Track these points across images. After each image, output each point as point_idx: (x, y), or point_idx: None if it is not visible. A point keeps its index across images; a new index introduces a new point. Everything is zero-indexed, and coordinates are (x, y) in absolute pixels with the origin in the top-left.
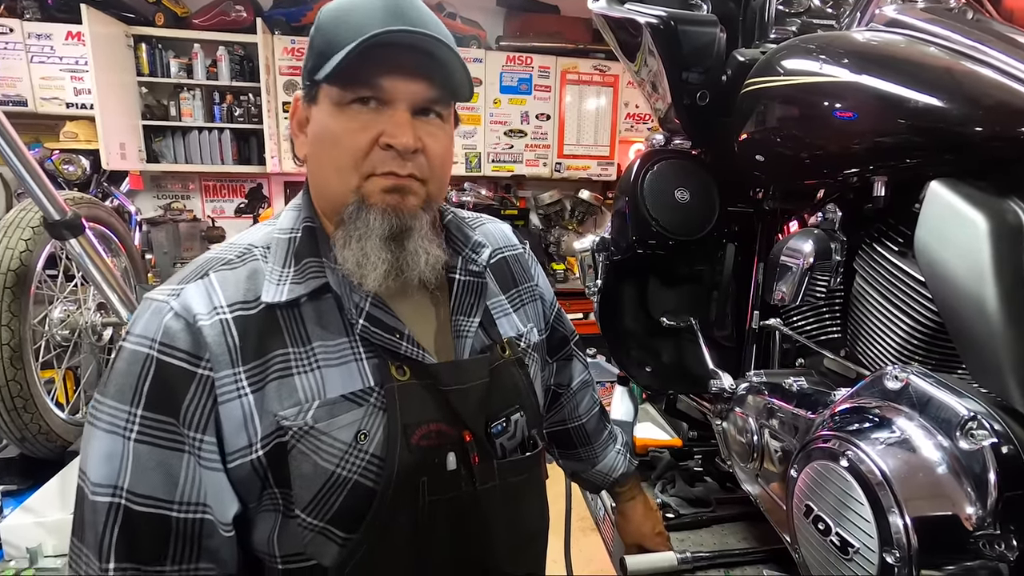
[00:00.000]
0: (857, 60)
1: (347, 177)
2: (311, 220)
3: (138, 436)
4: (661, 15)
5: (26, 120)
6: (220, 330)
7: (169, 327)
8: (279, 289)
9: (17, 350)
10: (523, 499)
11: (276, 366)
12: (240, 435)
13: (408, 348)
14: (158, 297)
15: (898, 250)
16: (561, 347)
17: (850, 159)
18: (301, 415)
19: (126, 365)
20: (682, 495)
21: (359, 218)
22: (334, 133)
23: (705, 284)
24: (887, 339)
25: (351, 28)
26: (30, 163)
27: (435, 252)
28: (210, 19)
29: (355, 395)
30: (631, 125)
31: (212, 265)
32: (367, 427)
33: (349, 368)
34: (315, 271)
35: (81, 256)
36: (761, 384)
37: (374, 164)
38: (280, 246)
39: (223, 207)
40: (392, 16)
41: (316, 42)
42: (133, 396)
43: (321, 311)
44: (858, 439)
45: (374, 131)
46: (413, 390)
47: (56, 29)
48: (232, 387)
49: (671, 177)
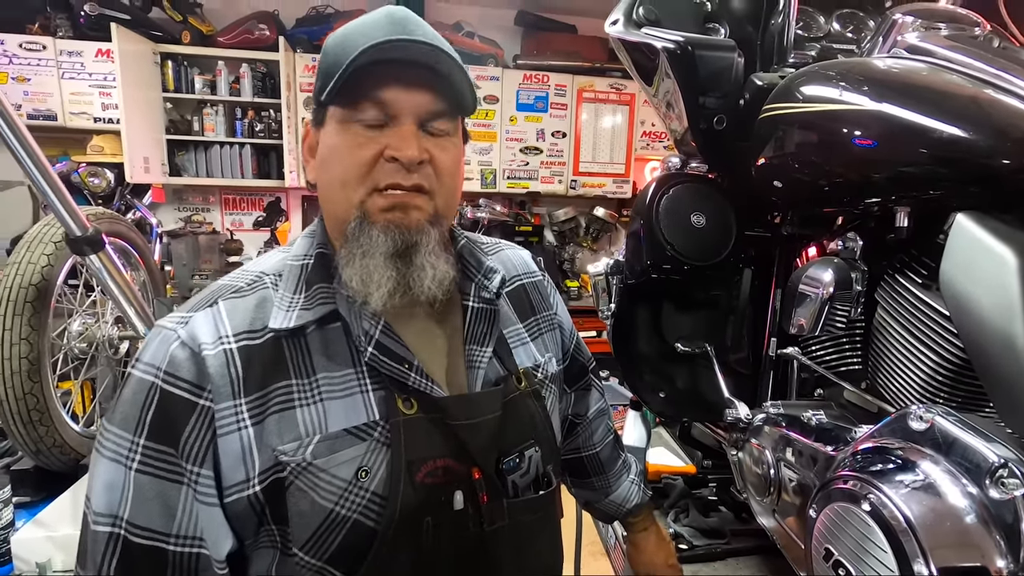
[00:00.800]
0: (878, 87)
1: (351, 192)
2: (324, 247)
3: (139, 466)
4: (678, 40)
5: (55, 134)
6: (224, 360)
7: (174, 356)
8: (287, 315)
9: (35, 363)
10: (535, 540)
11: (278, 398)
12: (238, 469)
13: (416, 380)
14: (167, 325)
15: (922, 282)
16: (580, 377)
17: (871, 189)
18: (300, 450)
19: (131, 393)
20: (695, 525)
21: (362, 234)
22: (339, 150)
23: (721, 310)
24: (910, 374)
25: (353, 47)
26: (53, 179)
27: (442, 268)
28: (234, 37)
29: (358, 429)
30: (647, 143)
31: (222, 293)
32: (369, 463)
33: (354, 400)
34: (324, 297)
35: (100, 271)
36: (778, 416)
37: (378, 178)
38: (292, 273)
39: (242, 220)
40: (394, 33)
41: (322, 66)
42: (136, 425)
43: (328, 340)
44: (881, 482)
45: (379, 145)
46: (420, 424)
47: (87, 47)
48: (232, 419)
49: (687, 201)
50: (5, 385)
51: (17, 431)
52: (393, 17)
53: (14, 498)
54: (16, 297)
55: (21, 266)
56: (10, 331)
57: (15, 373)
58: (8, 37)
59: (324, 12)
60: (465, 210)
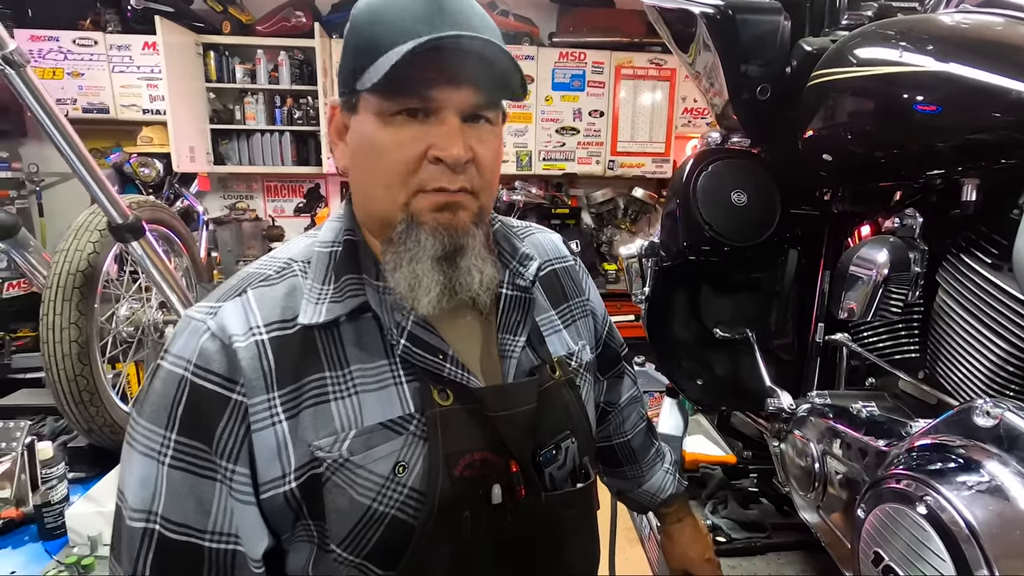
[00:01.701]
0: (943, 45)
1: (394, 194)
2: (352, 232)
3: (172, 461)
4: (717, 4)
5: (108, 126)
6: (255, 352)
7: (205, 348)
8: (317, 308)
9: (84, 347)
10: (573, 534)
11: (312, 391)
12: (273, 465)
13: (452, 371)
14: (196, 315)
15: (991, 263)
16: (614, 364)
17: (934, 159)
18: (336, 445)
19: (161, 386)
20: (735, 518)
21: (409, 238)
22: (379, 147)
23: (764, 293)
24: (975, 364)
25: (390, 29)
26: (94, 170)
27: (489, 271)
28: (272, 25)
29: (394, 423)
30: (688, 120)
31: (250, 282)
32: (406, 458)
33: (388, 393)
34: (354, 289)
35: (142, 257)
36: (825, 406)
37: (423, 180)
38: (320, 261)
39: (283, 207)
40: (433, 11)
41: (352, 43)
42: (168, 419)
43: (360, 331)
44: (939, 482)
45: (422, 144)
46: (457, 416)
47: (134, 40)
48: (266, 414)
49: (727, 178)
50: (57, 367)
51: (70, 411)
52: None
53: (71, 474)
54: (65, 284)
55: (69, 253)
56: (60, 316)
57: (66, 356)
58: (63, 34)
59: None
60: (500, 193)
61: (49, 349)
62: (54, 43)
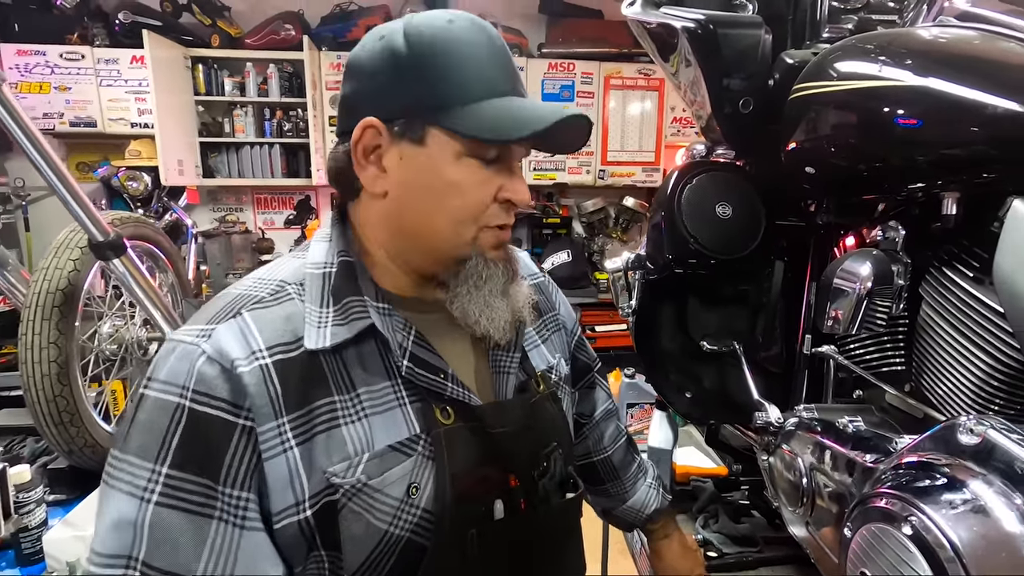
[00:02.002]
0: (923, 59)
1: (464, 229)
2: (346, 253)
3: (160, 499)
4: (699, 19)
5: (96, 140)
6: (261, 377)
7: (204, 373)
8: (320, 333)
9: (64, 367)
10: (566, 544)
11: (322, 416)
12: (286, 493)
13: (454, 389)
14: (185, 339)
15: (973, 276)
16: (583, 375)
17: (915, 172)
18: (351, 471)
19: (150, 417)
20: (725, 531)
21: (483, 273)
22: (457, 185)
23: (750, 305)
24: (959, 378)
25: (478, 77)
26: (73, 187)
27: (527, 291)
28: (261, 38)
29: (403, 444)
30: (678, 130)
31: (244, 303)
32: (418, 479)
33: (394, 415)
34: (358, 311)
35: (124, 275)
36: (812, 420)
37: (491, 216)
38: (314, 283)
39: (273, 219)
40: (509, 72)
41: (422, 75)
42: (159, 453)
43: (363, 353)
44: (924, 502)
45: (494, 186)
46: (459, 434)
47: (122, 54)
48: (276, 440)
49: (711, 191)
50: (36, 388)
51: (50, 432)
52: (495, 43)
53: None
54: (44, 302)
55: (48, 271)
56: (39, 335)
57: (45, 376)
58: (50, 48)
59: (348, 9)
60: None
61: (28, 369)
62: (41, 57)
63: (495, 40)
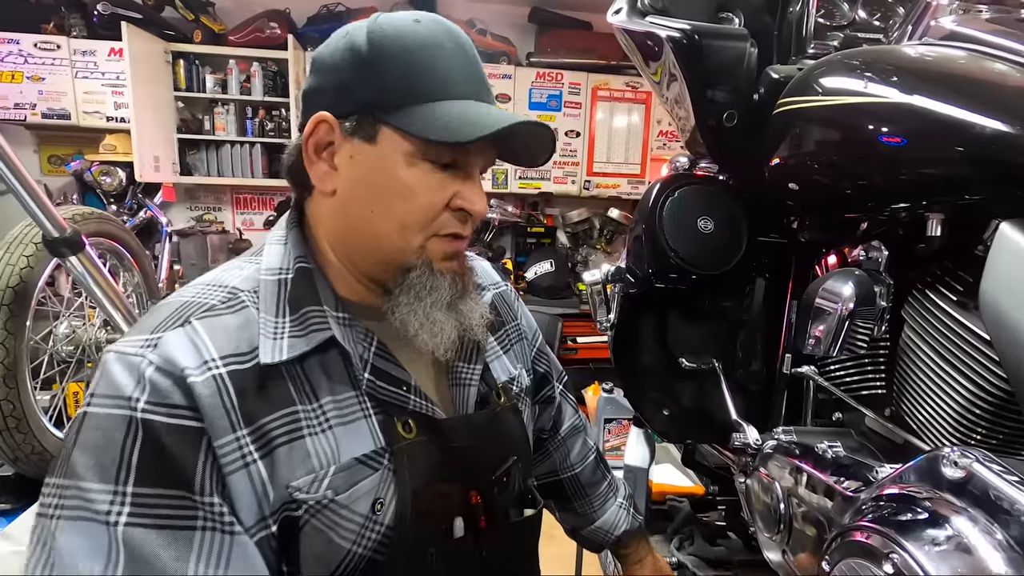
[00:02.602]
0: (908, 77)
1: (412, 236)
2: (304, 259)
3: (130, 519)
4: (684, 28)
5: (70, 132)
6: (214, 388)
7: (155, 382)
8: (277, 345)
9: (11, 368)
10: (524, 562)
11: (284, 427)
12: (254, 508)
13: (417, 402)
14: (127, 350)
15: (957, 300)
16: (541, 387)
17: (898, 192)
18: (316, 485)
19: (99, 435)
20: (701, 554)
21: (427, 283)
22: (407, 186)
23: (731, 322)
24: (941, 405)
25: (436, 78)
26: (26, 179)
27: (482, 307)
28: (245, 36)
29: (368, 457)
30: (664, 143)
31: (193, 311)
32: (383, 494)
33: (359, 426)
34: (317, 322)
35: (82, 274)
36: (791, 444)
37: (442, 224)
38: (269, 291)
39: (253, 219)
40: (472, 74)
41: (381, 74)
42: (118, 472)
43: (326, 361)
44: (906, 539)
45: (449, 192)
46: (420, 449)
47: (100, 46)
48: (236, 455)
49: (693, 205)
50: None
51: None
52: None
53: None
54: None
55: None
56: None
57: None
58: (24, 37)
59: (335, 10)
60: None
61: None
62: (14, 46)
63: (461, 43)
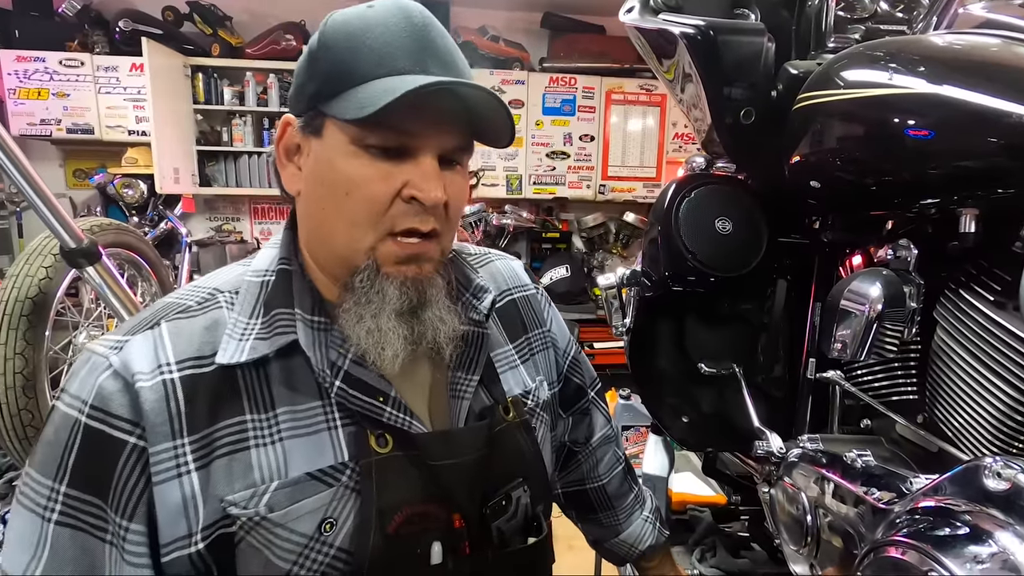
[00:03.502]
0: (936, 67)
1: (360, 234)
2: (287, 261)
3: (60, 517)
4: (698, 25)
5: (93, 147)
6: (162, 394)
7: (103, 388)
8: (239, 346)
9: (31, 378)
10: None
11: (228, 437)
12: (179, 523)
13: (392, 414)
14: (98, 350)
15: (994, 300)
16: (577, 399)
17: (927, 187)
18: (254, 500)
19: (54, 432)
20: (723, 567)
21: (372, 288)
22: (350, 179)
23: (751, 326)
24: (978, 412)
25: (373, 57)
26: (43, 192)
27: (452, 322)
28: (262, 48)
29: (324, 472)
30: (679, 145)
31: (166, 313)
32: (335, 514)
33: (319, 439)
34: (284, 325)
35: (100, 284)
36: (817, 452)
37: (394, 220)
38: (249, 292)
39: (270, 229)
40: (420, 48)
41: (323, 63)
42: (58, 470)
43: (291, 369)
44: (945, 555)
45: (397, 181)
46: (395, 465)
47: (122, 62)
48: (170, 464)
49: (711, 205)
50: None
51: (13, 447)
52: (412, 22)
53: None
54: (12, 311)
55: (18, 279)
56: (4, 346)
57: (9, 388)
58: (49, 55)
59: None
60: (491, 217)
61: None
62: (40, 64)
63: (411, 15)
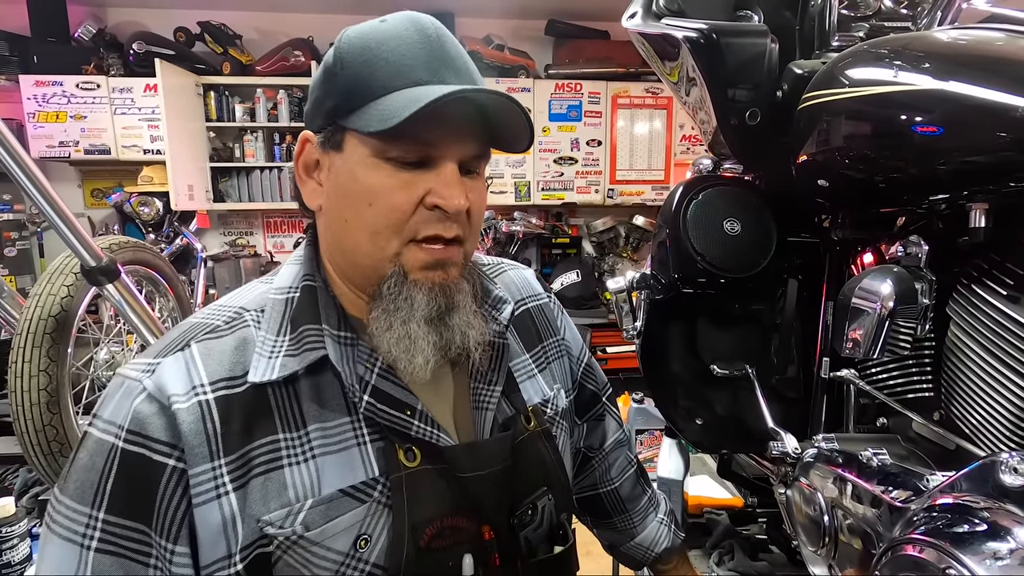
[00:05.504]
0: (942, 62)
1: (385, 243)
2: (311, 277)
3: (100, 545)
4: (701, 28)
5: (110, 167)
6: (198, 415)
7: (139, 412)
8: (270, 364)
9: (54, 395)
10: None
11: (263, 456)
12: (219, 544)
13: (420, 428)
14: (130, 374)
15: (1007, 295)
16: (591, 405)
17: (937, 183)
18: (290, 519)
19: (88, 457)
20: (741, 570)
21: (400, 295)
22: (372, 190)
23: (763, 326)
24: (994, 408)
25: (390, 70)
26: (64, 212)
27: (480, 326)
28: (271, 65)
29: (356, 489)
30: (687, 147)
31: (195, 334)
32: (369, 530)
33: (350, 455)
34: (313, 341)
35: (119, 301)
36: (833, 451)
37: (417, 227)
38: (275, 309)
39: (283, 242)
40: (435, 59)
41: (341, 78)
42: (96, 496)
43: (319, 385)
44: (963, 552)
45: (420, 189)
46: (424, 479)
47: (136, 83)
48: (210, 485)
49: (719, 206)
50: (24, 417)
51: (39, 462)
52: (426, 34)
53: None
54: (36, 329)
55: (41, 298)
56: (29, 363)
57: (34, 405)
58: (67, 79)
59: None
60: (499, 224)
61: (16, 398)
62: (58, 88)
63: (424, 28)
